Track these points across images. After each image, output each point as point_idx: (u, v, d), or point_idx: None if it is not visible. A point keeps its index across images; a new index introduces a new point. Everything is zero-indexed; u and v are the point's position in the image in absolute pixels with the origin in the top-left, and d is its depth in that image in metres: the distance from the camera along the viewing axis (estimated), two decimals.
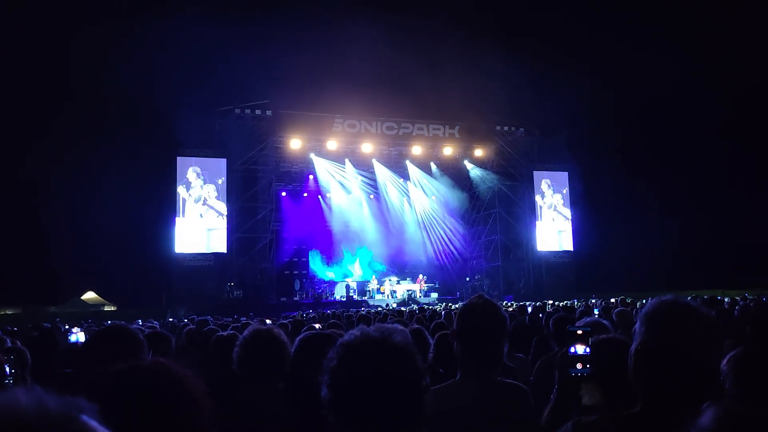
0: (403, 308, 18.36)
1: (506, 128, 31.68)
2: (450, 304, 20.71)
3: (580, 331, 2.06)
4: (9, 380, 2.45)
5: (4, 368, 2.45)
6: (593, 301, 17.16)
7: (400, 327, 1.62)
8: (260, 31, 28.80)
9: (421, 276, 30.95)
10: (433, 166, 32.05)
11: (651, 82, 33.51)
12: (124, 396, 1.13)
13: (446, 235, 33.00)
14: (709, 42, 30.33)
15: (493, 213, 32.26)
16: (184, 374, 1.29)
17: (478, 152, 31.68)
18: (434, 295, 29.82)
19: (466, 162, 32.24)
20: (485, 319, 2.51)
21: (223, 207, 27.35)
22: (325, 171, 30.56)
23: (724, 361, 2.12)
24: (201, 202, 27.08)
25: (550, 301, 18.65)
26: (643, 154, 35.05)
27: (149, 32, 27.08)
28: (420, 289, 29.88)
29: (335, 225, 32.15)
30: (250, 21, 29.08)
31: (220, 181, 27.46)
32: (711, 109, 32.58)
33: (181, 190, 26.85)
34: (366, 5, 28.52)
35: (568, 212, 32.56)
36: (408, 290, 29.43)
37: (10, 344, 4.06)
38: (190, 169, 27.00)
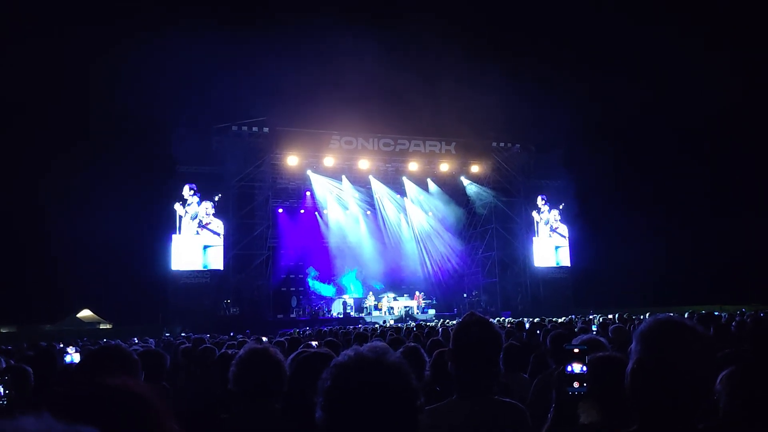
0: (400, 325, 18.29)
1: (502, 144, 31.81)
2: (447, 321, 20.65)
3: (576, 350, 2.06)
4: (3, 401, 2.43)
5: None
6: (591, 317, 17.13)
7: (382, 343, 1.61)
8: (257, 49, 28.98)
9: (418, 292, 30.89)
10: (430, 182, 32.10)
11: (647, 100, 33.77)
12: (85, 416, 1.08)
13: (443, 251, 32.97)
14: (702, 63, 30.64)
15: (490, 229, 32.28)
16: (145, 392, 1.24)
17: (475, 168, 31.74)
18: (431, 311, 29.75)
19: (462, 178, 32.30)
20: (480, 337, 2.51)
21: (219, 224, 27.31)
22: (321, 187, 30.59)
23: (718, 381, 2.11)
24: (198, 219, 27.03)
25: (556, 319, 18.55)
26: (639, 171, 35.25)
27: (146, 50, 27.24)
28: (418, 306, 29.81)
29: (332, 241, 32.12)
30: (247, 39, 29.30)
31: (216, 198, 27.40)
32: (709, 126, 32.83)
33: (177, 207, 26.81)
34: (363, 23, 28.77)
35: (564, 228, 32.61)
36: (405, 307, 29.35)
37: (4, 364, 4.03)
38: (187, 186, 26.96)
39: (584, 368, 2.03)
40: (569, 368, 2.04)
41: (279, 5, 30.78)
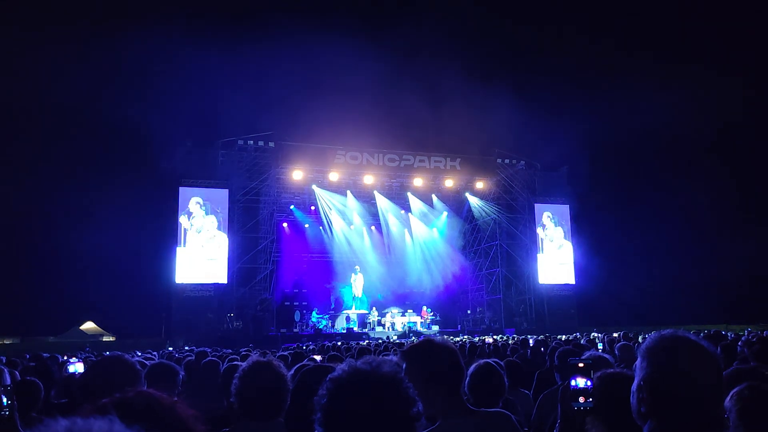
0: (403, 341, 18.21)
1: (507, 161, 31.83)
2: (451, 338, 20.54)
3: (581, 364, 2.05)
4: (5, 412, 2.42)
5: (1, 399, 2.42)
6: (595, 334, 17.05)
7: (385, 358, 1.61)
8: (263, 63, 29.14)
9: (425, 308, 30.77)
10: (435, 198, 32.10)
11: (653, 119, 33.82)
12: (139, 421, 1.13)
13: (447, 267, 32.84)
14: (708, 80, 30.72)
15: (494, 245, 32.18)
16: (172, 403, 1.29)
17: (480, 184, 31.74)
18: (435, 327, 29.63)
19: (467, 194, 32.29)
20: (437, 356, 2.50)
21: (224, 237, 27.31)
22: (326, 202, 30.61)
23: (728, 398, 2.09)
24: (202, 232, 27.05)
25: (560, 336, 18.43)
26: (643, 189, 35.21)
27: (152, 64, 27.49)
28: (426, 322, 29.74)
29: (336, 256, 32.05)
30: (254, 54, 29.47)
31: (221, 212, 27.44)
32: (713, 146, 32.83)
33: (182, 220, 26.86)
34: (369, 39, 28.98)
35: (569, 245, 32.47)
36: (409, 322, 29.24)
37: (8, 376, 4.03)
38: (193, 199, 26.99)
39: (589, 383, 2.02)
40: (574, 383, 2.02)
41: (286, 20, 31.03)
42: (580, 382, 2.02)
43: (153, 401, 1.31)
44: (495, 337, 18.96)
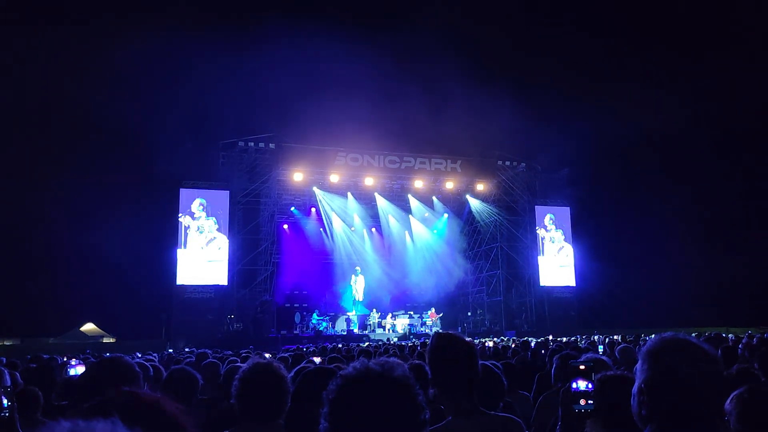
0: (403, 343, 18.20)
1: (508, 163, 31.80)
2: None
3: (582, 366, 2.04)
4: (5, 413, 2.42)
5: (2, 400, 2.42)
6: (596, 337, 17.05)
7: (397, 361, 1.61)
8: (264, 66, 29.16)
9: (433, 310, 30.79)
10: (435, 200, 32.10)
11: (653, 122, 33.82)
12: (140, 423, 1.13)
13: (447, 269, 32.79)
14: (710, 83, 30.75)
15: (494, 247, 32.18)
16: (155, 399, 1.29)
17: (480, 186, 31.72)
18: (436, 329, 29.58)
19: (468, 196, 32.28)
20: (456, 352, 2.51)
21: (224, 239, 27.28)
22: (327, 204, 30.59)
23: (728, 401, 2.09)
24: (203, 233, 27.02)
25: (561, 339, 18.41)
26: (644, 191, 35.20)
27: (152, 65, 27.50)
28: (435, 323, 29.77)
29: (337, 258, 32.05)
30: (255, 56, 29.50)
31: (222, 213, 27.40)
32: (714, 149, 32.82)
33: (183, 221, 26.83)
34: (370, 41, 29.01)
35: (570, 248, 32.44)
36: (409, 324, 29.25)
37: (9, 378, 4.03)
38: (197, 200, 26.94)
39: (590, 385, 2.01)
40: (575, 385, 2.02)
41: (286, 22, 31.08)
42: (581, 384, 2.02)
43: (134, 399, 1.31)
44: (495, 339, 18.98)
